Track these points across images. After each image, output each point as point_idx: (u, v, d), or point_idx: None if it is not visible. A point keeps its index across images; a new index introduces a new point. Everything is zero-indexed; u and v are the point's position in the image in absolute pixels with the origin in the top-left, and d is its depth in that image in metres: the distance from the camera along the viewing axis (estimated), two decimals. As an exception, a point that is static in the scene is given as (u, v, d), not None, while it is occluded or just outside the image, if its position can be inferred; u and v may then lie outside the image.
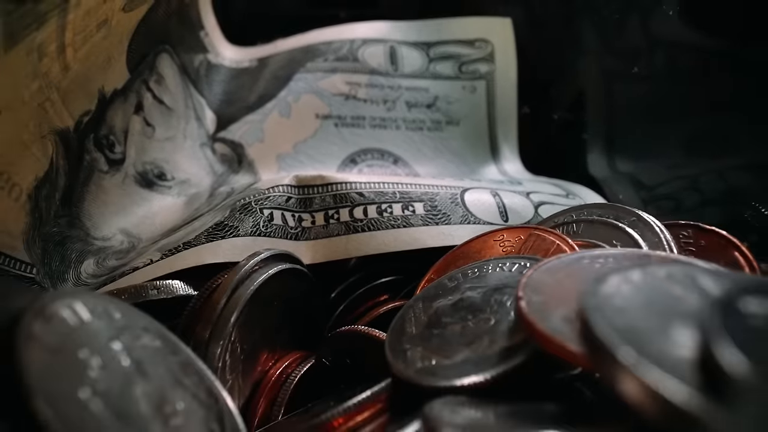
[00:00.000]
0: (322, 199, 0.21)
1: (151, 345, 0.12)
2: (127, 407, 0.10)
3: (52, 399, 0.08)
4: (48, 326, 0.10)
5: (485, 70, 0.30)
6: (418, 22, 0.30)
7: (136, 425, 0.09)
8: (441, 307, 0.16)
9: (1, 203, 0.18)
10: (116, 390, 0.10)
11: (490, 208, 0.22)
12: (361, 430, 0.13)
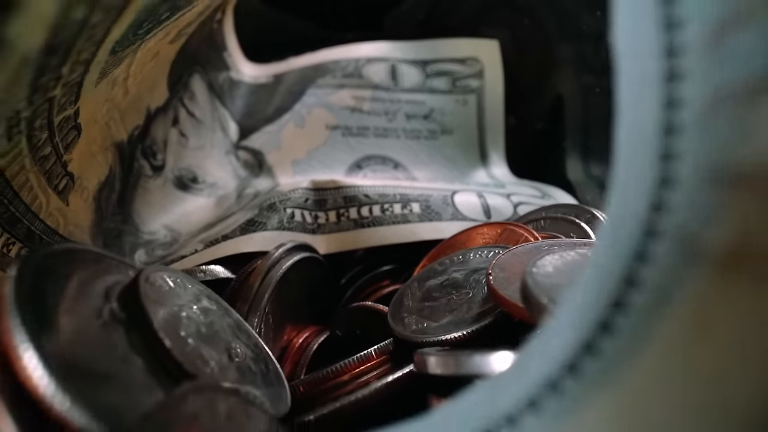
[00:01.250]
0: (334, 200, 0.26)
1: (212, 308, 0.17)
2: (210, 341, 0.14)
3: (166, 332, 0.13)
4: (152, 288, 0.15)
5: (476, 85, 0.35)
6: (416, 43, 0.35)
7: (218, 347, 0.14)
8: (432, 285, 0.20)
9: (75, 203, 0.22)
10: (200, 331, 0.15)
11: (475, 207, 0.26)
12: (371, 373, 0.17)
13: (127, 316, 0.13)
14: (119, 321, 0.13)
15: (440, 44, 0.35)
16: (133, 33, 0.18)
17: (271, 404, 0.15)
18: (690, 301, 0.06)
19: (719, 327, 0.06)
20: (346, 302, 0.24)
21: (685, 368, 0.06)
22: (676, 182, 0.08)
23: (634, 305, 0.07)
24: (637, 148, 0.08)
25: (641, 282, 0.07)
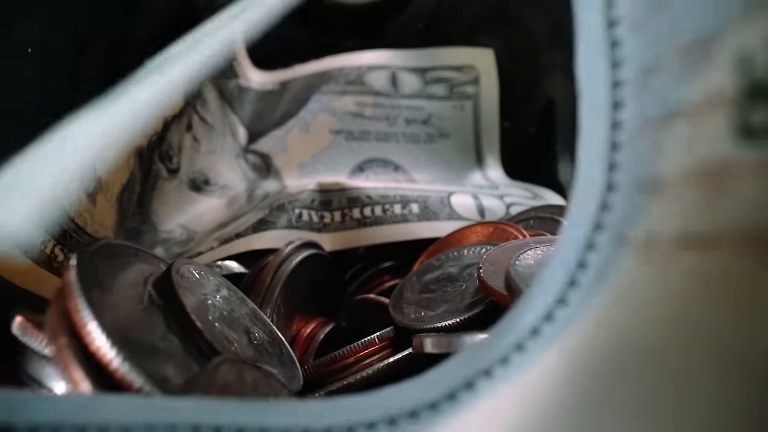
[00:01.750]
0: (338, 201, 0.28)
1: (232, 297, 0.19)
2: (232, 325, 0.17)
3: (197, 316, 0.15)
4: (182, 278, 0.17)
5: (472, 91, 0.37)
6: (415, 51, 0.37)
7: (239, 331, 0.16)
8: (429, 279, 0.23)
9: (101, 204, 0.25)
10: (224, 316, 0.17)
11: (470, 208, 0.29)
12: (374, 356, 0.20)
13: (163, 302, 0.15)
14: (157, 306, 0.15)
15: (438, 53, 0.37)
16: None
17: (286, 382, 0.17)
18: (618, 277, 0.09)
19: (636, 294, 0.08)
20: (350, 295, 0.26)
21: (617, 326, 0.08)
22: (617, 188, 0.10)
23: (583, 283, 0.10)
24: (592, 160, 0.11)
25: (588, 264, 0.10)
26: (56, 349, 0.12)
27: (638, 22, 0.09)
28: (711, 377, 0.06)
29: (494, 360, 0.10)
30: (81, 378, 0.11)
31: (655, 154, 0.09)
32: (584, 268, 0.10)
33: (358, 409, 0.10)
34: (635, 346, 0.08)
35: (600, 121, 0.11)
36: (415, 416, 0.10)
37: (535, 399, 0.08)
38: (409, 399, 0.10)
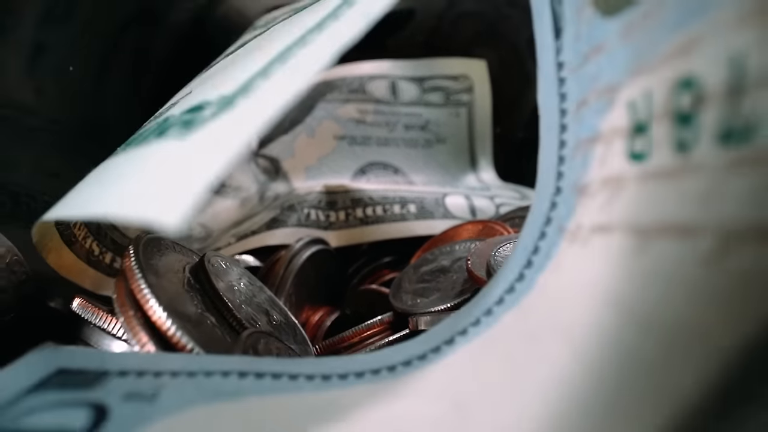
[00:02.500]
0: (343, 202, 0.31)
1: (252, 285, 0.23)
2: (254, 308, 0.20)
3: (228, 298, 0.19)
4: (212, 267, 0.20)
5: (466, 99, 0.40)
6: (414, 61, 0.40)
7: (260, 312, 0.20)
8: (425, 271, 0.26)
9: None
10: (248, 299, 0.20)
11: (463, 208, 0.32)
12: (376, 336, 0.23)
13: (199, 286, 0.19)
14: (195, 289, 0.19)
15: (435, 63, 0.40)
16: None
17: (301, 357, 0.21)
18: (556, 256, 0.12)
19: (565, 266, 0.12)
20: (354, 287, 0.30)
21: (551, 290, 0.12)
22: (561, 191, 0.13)
23: (535, 263, 0.13)
24: (547, 170, 0.14)
25: (540, 249, 0.13)
26: (125, 320, 0.15)
27: (575, 67, 0.13)
28: (607, 322, 0.10)
29: (469, 322, 0.13)
30: (146, 340, 0.15)
31: (583, 166, 0.12)
32: (537, 252, 0.13)
33: (366, 361, 0.13)
34: (561, 302, 0.11)
35: (552, 140, 0.14)
36: (408, 364, 0.13)
37: (496, 347, 0.12)
38: (405, 353, 0.13)
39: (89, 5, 0.31)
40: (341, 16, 0.12)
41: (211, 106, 0.11)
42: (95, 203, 0.11)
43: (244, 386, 0.12)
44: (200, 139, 0.10)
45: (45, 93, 0.30)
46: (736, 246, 0.07)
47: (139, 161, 0.11)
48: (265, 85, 0.10)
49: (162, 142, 0.11)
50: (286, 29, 0.16)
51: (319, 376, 0.13)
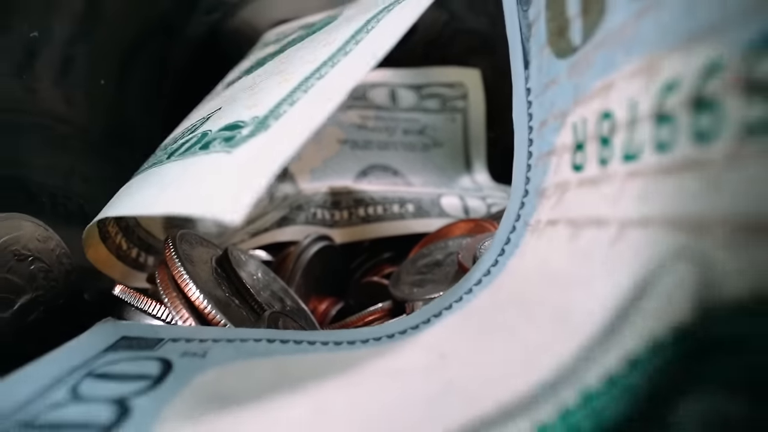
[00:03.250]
0: (346, 202, 0.35)
1: (267, 276, 0.26)
2: (271, 295, 0.23)
3: (250, 285, 0.22)
4: (235, 259, 0.23)
5: (461, 105, 0.44)
6: (412, 70, 0.44)
7: (276, 299, 0.23)
8: (421, 264, 0.29)
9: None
10: (265, 287, 0.24)
11: (457, 207, 0.36)
12: (375, 322, 0.26)
13: (225, 275, 0.22)
14: (221, 277, 0.22)
15: (432, 71, 0.44)
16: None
17: (311, 337, 0.24)
18: (522, 245, 0.16)
19: (527, 252, 0.15)
20: (357, 279, 0.33)
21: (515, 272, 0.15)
22: (528, 194, 0.17)
23: (507, 251, 0.16)
24: (518, 176, 0.18)
25: (511, 240, 0.17)
26: (170, 300, 0.19)
27: (538, 94, 0.16)
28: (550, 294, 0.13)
29: (453, 299, 0.17)
30: (188, 317, 0.18)
31: (544, 174, 0.16)
32: (509, 242, 0.17)
33: (370, 332, 0.17)
34: (522, 280, 0.14)
35: (523, 152, 0.17)
36: (404, 332, 0.16)
37: (473, 316, 0.15)
38: (401, 325, 0.17)
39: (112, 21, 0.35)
40: (350, 52, 0.16)
41: (248, 126, 0.14)
42: (160, 202, 0.14)
43: (272, 348, 0.16)
44: (244, 154, 0.13)
45: (75, 103, 0.34)
46: (629, 232, 0.10)
47: (192, 168, 0.14)
48: (292, 111, 0.14)
49: (210, 154, 0.14)
50: (300, 56, 0.19)
51: (332, 342, 0.16)
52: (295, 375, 0.14)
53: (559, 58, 0.15)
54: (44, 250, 0.22)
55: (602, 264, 0.11)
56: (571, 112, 0.14)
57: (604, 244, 0.11)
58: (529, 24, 0.17)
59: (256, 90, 0.17)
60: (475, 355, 0.13)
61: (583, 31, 0.13)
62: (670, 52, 0.10)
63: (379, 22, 0.16)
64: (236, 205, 0.11)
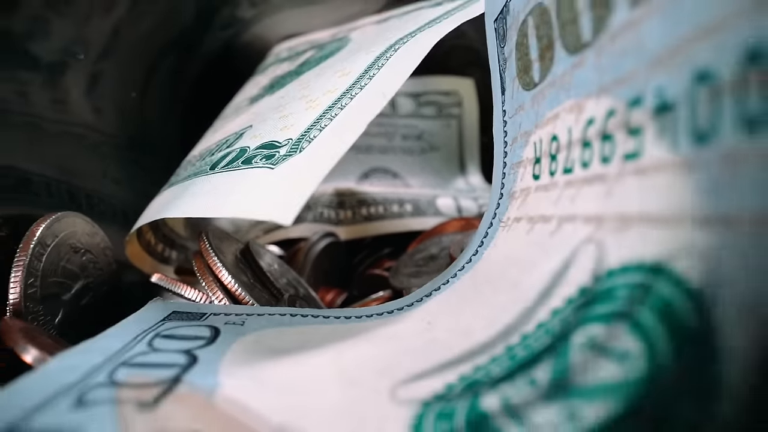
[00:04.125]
0: (350, 202, 0.39)
1: (282, 268, 0.30)
2: (287, 283, 0.28)
3: (270, 274, 0.26)
4: (256, 252, 0.28)
5: (456, 112, 0.48)
6: (410, 79, 0.48)
7: (291, 287, 0.27)
8: (417, 258, 0.34)
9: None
10: (282, 276, 0.28)
11: (451, 207, 0.40)
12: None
13: (247, 264, 0.27)
14: (244, 265, 0.26)
15: (429, 80, 0.48)
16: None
17: (321, 320, 0.28)
18: (494, 237, 0.20)
19: (498, 243, 0.19)
20: (360, 272, 0.38)
21: (488, 258, 0.19)
22: (503, 196, 0.21)
23: (485, 243, 0.21)
24: (496, 182, 0.22)
25: (489, 234, 0.21)
26: (206, 284, 0.23)
27: (510, 116, 0.21)
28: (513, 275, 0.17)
29: (441, 282, 0.21)
30: (222, 297, 0.22)
31: (514, 181, 0.20)
32: (486, 236, 0.21)
33: (374, 309, 0.21)
34: (493, 265, 0.19)
35: (499, 162, 0.22)
36: (401, 309, 0.21)
37: (456, 294, 0.20)
38: (399, 304, 0.21)
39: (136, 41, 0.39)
40: (365, 86, 0.20)
41: (284, 147, 0.18)
42: (225, 207, 0.18)
43: (295, 320, 0.20)
44: (285, 171, 0.17)
45: (103, 113, 0.38)
46: (563, 226, 0.15)
47: (242, 180, 0.18)
48: (321, 136, 0.18)
49: (254, 169, 0.18)
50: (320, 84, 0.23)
51: (343, 317, 0.21)
52: (315, 339, 0.18)
53: (524, 90, 0.19)
54: (92, 243, 0.27)
55: (544, 249, 0.15)
56: (533, 133, 0.18)
57: (547, 234, 0.15)
58: (505, 58, 0.21)
59: (284, 112, 0.21)
60: (453, 320, 0.17)
61: (540, 72, 0.17)
62: (588, 98, 0.14)
63: (388, 60, 0.21)
64: (287, 211, 0.15)
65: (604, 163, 0.13)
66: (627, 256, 0.11)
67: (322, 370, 0.15)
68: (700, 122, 0.09)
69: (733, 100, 0.09)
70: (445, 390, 0.12)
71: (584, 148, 0.14)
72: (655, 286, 0.10)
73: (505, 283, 0.17)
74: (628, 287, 0.11)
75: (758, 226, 0.08)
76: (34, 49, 0.33)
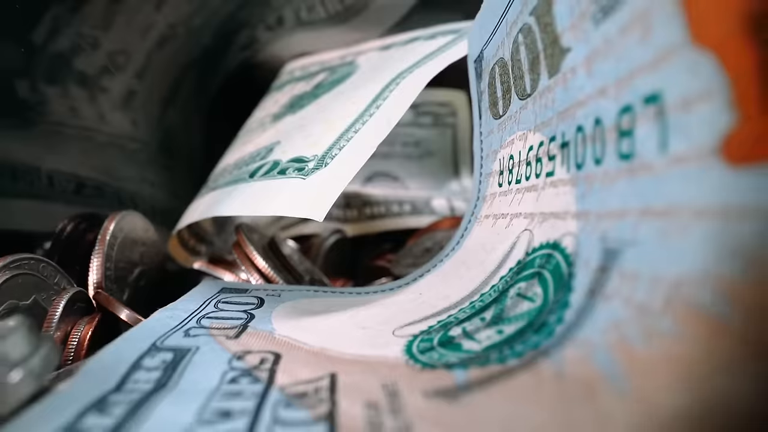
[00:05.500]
0: (356, 202, 0.46)
1: (300, 256, 0.37)
2: (304, 269, 0.35)
3: (291, 260, 0.33)
4: (279, 242, 0.35)
5: (451, 121, 0.55)
6: (409, 91, 0.55)
7: (306, 272, 0.35)
8: (415, 251, 0.41)
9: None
10: (300, 265, 0.35)
11: (444, 207, 0.47)
12: (380, 292, 0.38)
13: (273, 253, 0.34)
14: (273, 254, 0.33)
15: (426, 93, 0.55)
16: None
17: (333, 301, 0.35)
18: (473, 230, 0.27)
19: (472, 235, 0.26)
20: (365, 264, 0.45)
21: (465, 247, 0.27)
22: (479, 200, 0.28)
23: (464, 235, 0.28)
24: (474, 187, 0.29)
25: (467, 228, 0.28)
26: (246, 267, 0.30)
27: (485, 137, 0.28)
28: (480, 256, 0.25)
29: (431, 266, 0.28)
30: (258, 278, 0.29)
31: (486, 187, 0.27)
32: (466, 230, 0.28)
33: (380, 287, 0.28)
34: (468, 251, 0.26)
35: (477, 172, 0.29)
36: (400, 286, 0.28)
37: (440, 274, 0.27)
38: (399, 283, 0.28)
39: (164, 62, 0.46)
40: (374, 114, 0.27)
41: (311, 161, 0.25)
42: (270, 206, 0.25)
43: (318, 294, 0.27)
44: (315, 181, 0.24)
45: (137, 124, 0.45)
46: (514, 221, 0.22)
47: (279, 186, 0.25)
48: (341, 155, 0.25)
49: (288, 178, 0.25)
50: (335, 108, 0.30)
51: (354, 293, 0.28)
52: (336, 305, 0.25)
53: (494, 119, 0.26)
54: (146, 237, 0.34)
55: (501, 237, 0.22)
56: (498, 151, 0.25)
57: (503, 227, 0.22)
58: (481, 92, 0.28)
59: (308, 132, 0.28)
60: (438, 290, 0.24)
61: (503, 108, 0.24)
62: (529, 132, 0.21)
63: (391, 93, 0.28)
64: (320, 211, 0.22)
65: (536, 178, 0.20)
66: (543, 238, 0.18)
67: (343, 322, 0.22)
68: (578, 156, 0.16)
69: (592, 145, 0.16)
70: (427, 329, 0.19)
71: (527, 166, 0.21)
72: (553, 255, 0.17)
73: (475, 262, 0.24)
74: (541, 257, 0.18)
75: (599, 219, 0.15)
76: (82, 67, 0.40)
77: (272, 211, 0.24)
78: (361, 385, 0.14)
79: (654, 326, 0.11)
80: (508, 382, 0.13)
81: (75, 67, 0.39)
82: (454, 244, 0.28)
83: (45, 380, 0.15)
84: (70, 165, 0.37)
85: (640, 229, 0.13)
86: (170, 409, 0.13)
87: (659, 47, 0.12)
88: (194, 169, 0.49)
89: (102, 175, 0.38)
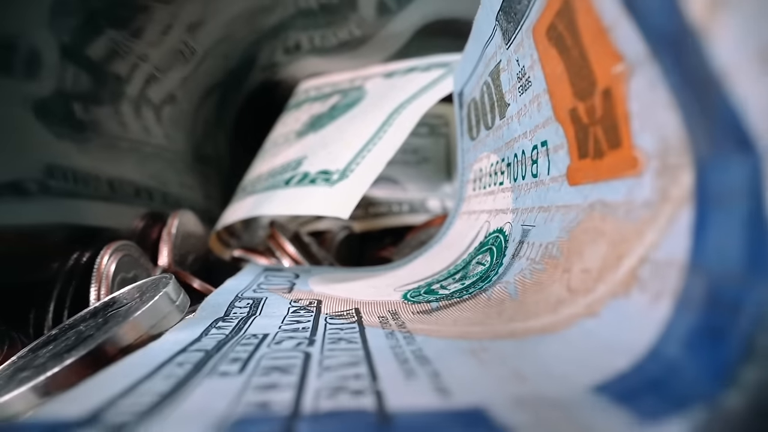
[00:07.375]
0: (362, 203, 0.57)
1: (317, 247, 0.48)
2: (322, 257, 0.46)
3: (312, 248, 0.44)
4: (301, 235, 0.46)
5: (444, 131, 0.66)
6: (408, 105, 0.66)
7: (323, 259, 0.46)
8: (413, 243, 0.52)
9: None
10: (319, 253, 0.46)
11: (437, 207, 0.58)
12: (384, 277, 0.49)
13: (298, 242, 0.44)
14: (298, 244, 0.44)
15: (423, 106, 0.66)
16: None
17: (346, 283, 0.46)
18: (455, 224, 0.38)
19: (456, 227, 0.38)
20: (370, 255, 0.55)
21: (451, 231, 0.38)
22: (461, 200, 0.39)
23: (450, 226, 0.39)
24: (458, 190, 0.40)
25: (452, 223, 0.39)
26: (280, 254, 0.41)
27: (465, 152, 0.39)
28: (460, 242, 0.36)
29: (424, 250, 0.39)
30: (290, 262, 0.40)
31: (467, 190, 0.38)
32: (451, 223, 0.39)
33: (384, 267, 0.39)
34: (452, 237, 0.37)
35: (460, 178, 0.40)
36: (398, 265, 0.39)
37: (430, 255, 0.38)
38: (399, 263, 0.39)
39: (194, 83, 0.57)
40: (382, 137, 0.38)
41: (335, 174, 0.36)
42: (303, 207, 0.36)
43: (338, 271, 0.38)
44: (339, 189, 0.35)
45: (171, 136, 0.56)
46: (479, 215, 0.33)
47: (310, 192, 0.36)
48: (358, 170, 0.36)
49: (318, 186, 0.36)
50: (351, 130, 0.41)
51: (365, 270, 0.39)
52: (353, 277, 0.36)
53: (470, 140, 0.37)
54: (196, 231, 0.45)
55: (471, 227, 0.33)
56: (474, 165, 0.36)
57: (474, 220, 0.33)
58: (462, 118, 0.39)
59: (330, 149, 0.39)
60: (425, 265, 0.35)
61: (475, 133, 0.35)
62: (491, 154, 0.32)
63: (395, 121, 0.39)
64: (345, 211, 0.33)
65: (493, 186, 0.31)
66: (495, 226, 0.29)
67: (360, 284, 0.33)
68: (515, 173, 0.27)
69: (521, 167, 0.27)
70: (416, 287, 0.30)
71: (489, 177, 0.32)
72: (498, 237, 0.28)
73: (454, 245, 0.35)
74: (493, 238, 0.28)
75: (522, 213, 0.26)
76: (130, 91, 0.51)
77: (308, 211, 0.35)
78: (375, 310, 0.25)
79: (535, 268, 0.22)
80: (460, 304, 0.23)
81: (125, 90, 0.50)
82: (441, 234, 0.39)
83: (184, 312, 0.26)
84: (127, 172, 0.47)
85: (537, 218, 0.23)
86: (263, 321, 0.24)
87: (544, 116, 0.23)
88: (223, 174, 0.60)
89: (151, 181, 0.49)
